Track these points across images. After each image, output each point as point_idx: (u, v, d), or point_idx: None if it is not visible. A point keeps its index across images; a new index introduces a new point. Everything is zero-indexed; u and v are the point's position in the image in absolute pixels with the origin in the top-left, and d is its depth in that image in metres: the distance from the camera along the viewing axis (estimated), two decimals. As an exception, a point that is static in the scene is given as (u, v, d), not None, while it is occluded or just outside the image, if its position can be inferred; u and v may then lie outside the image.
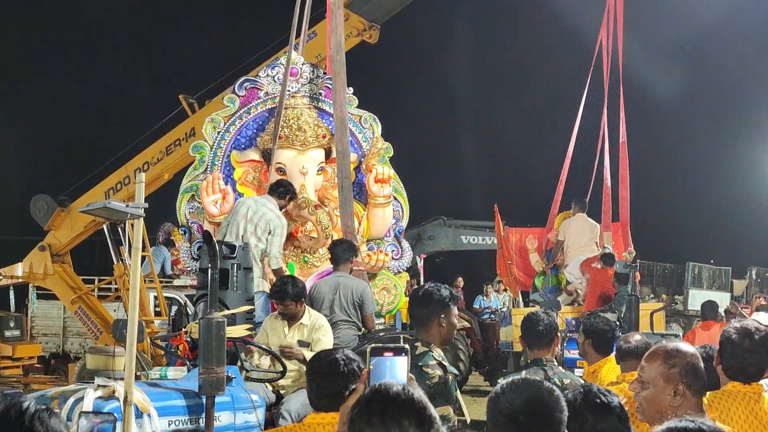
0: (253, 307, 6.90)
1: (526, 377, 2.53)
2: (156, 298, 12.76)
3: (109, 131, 24.39)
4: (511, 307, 14.97)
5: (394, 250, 9.71)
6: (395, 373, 2.33)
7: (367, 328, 7.70)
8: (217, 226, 8.57)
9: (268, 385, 6.34)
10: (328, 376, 3.39)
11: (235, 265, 6.46)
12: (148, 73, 27.57)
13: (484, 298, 18.77)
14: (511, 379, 2.49)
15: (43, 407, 2.00)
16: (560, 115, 16.04)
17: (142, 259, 11.24)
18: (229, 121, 9.50)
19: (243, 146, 9.54)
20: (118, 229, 12.03)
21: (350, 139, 9.31)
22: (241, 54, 14.06)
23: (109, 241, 11.91)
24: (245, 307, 6.52)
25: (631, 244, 13.82)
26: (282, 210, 8.43)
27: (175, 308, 12.77)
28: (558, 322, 4.60)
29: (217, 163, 9.38)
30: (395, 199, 9.69)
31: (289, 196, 8.53)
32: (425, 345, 3.97)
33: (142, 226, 4.76)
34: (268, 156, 9.25)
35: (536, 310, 4.78)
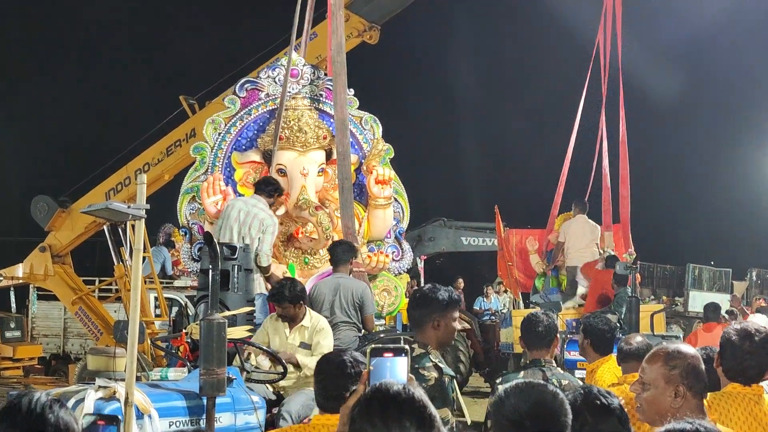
0: (254, 308, 6.91)
1: (530, 381, 2.51)
2: (156, 298, 12.76)
3: (110, 132, 24.40)
4: (512, 309, 14.96)
5: (394, 252, 9.71)
6: (395, 373, 2.34)
7: (367, 330, 7.69)
8: (219, 227, 8.57)
9: (269, 386, 6.34)
10: (335, 378, 3.38)
11: (236, 267, 6.48)
12: (149, 74, 27.59)
13: (485, 299, 18.75)
14: (515, 383, 2.47)
15: (55, 398, 2.04)
16: (561, 115, 16.04)
17: (143, 260, 11.22)
18: (230, 123, 9.50)
19: (244, 147, 9.54)
20: (119, 230, 12.03)
21: (351, 140, 9.31)
22: (242, 54, 14.07)
23: (109, 242, 11.91)
24: (246, 308, 6.53)
25: (632, 246, 13.81)
26: (271, 207, 8.41)
27: (175, 309, 12.77)
28: (558, 323, 4.59)
29: (217, 164, 9.39)
30: (396, 200, 9.69)
31: (277, 193, 8.51)
32: (422, 347, 3.95)
33: (143, 227, 4.75)
34: (268, 157, 9.25)
35: (536, 312, 4.77)
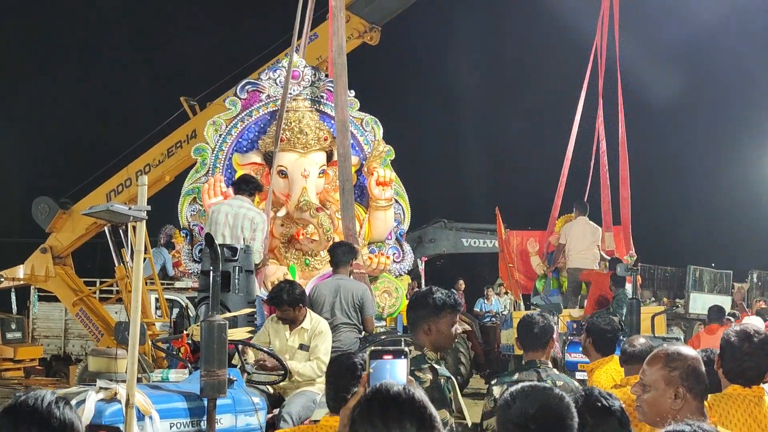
0: (255, 310, 6.91)
1: (536, 384, 2.50)
2: (157, 300, 12.76)
3: (110, 133, 24.38)
4: (512, 310, 14.97)
5: (395, 253, 9.72)
6: (395, 375, 2.34)
7: (368, 331, 7.69)
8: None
9: (269, 387, 6.34)
10: (346, 379, 3.43)
11: (237, 268, 6.47)
12: (149, 75, 27.57)
13: (485, 301, 18.74)
14: (521, 387, 2.46)
15: (60, 396, 2.06)
16: (561, 116, 16.03)
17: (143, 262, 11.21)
18: (231, 124, 9.51)
19: (245, 149, 9.55)
20: (120, 232, 12.04)
21: (352, 141, 9.32)
22: (242, 55, 14.09)
23: (110, 243, 11.90)
24: (247, 310, 6.53)
25: (633, 247, 13.82)
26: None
27: (176, 310, 12.77)
28: (554, 324, 4.59)
29: (218, 166, 9.39)
30: (396, 201, 9.70)
31: (258, 190, 8.42)
32: (418, 349, 3.95)
33: (144, 228, 4.75)
34: (269, 159, 9.26)
35: (531, 313, 4.77)
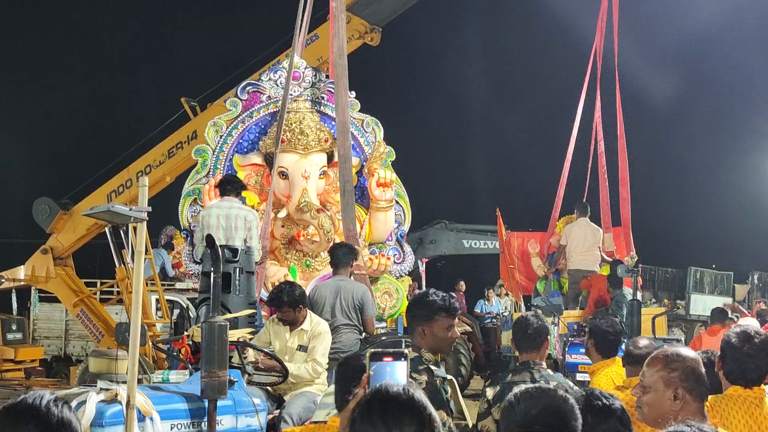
0: (255, 311, 6.91)
1: (540, 386, 2.52)
2: (158, 301, 12.76)
3: (111, 134, 24.43)
4: (513, 312, 14.96)
5: (395, 254, 9.73)
6: (395, 377, 2.35)
7: (368, 332, 7.69)
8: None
9: (269, 388, 6.34)
10: (354, 381, 3.41)
11: (238, 269, 6.47)
12: (150, 76, 27.62)
13: (486, 302, 18.72)
14: (525, 389, 2.48)
15: (59, 397, 2.08)
16: (563, 118, 16.02)
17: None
18: (232, 125, 9.52)
19: (245, 150, 9.55)
20: (120, 232, 12.03)
21: (352, 143, 9.33)
22: (243, 56, 14.09)
23: (111, 244, 11.89)
24: (247, 311, 6.53)
25: (633, 249, 13.81)
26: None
27: (177, 311, 12.75)
28: (548, 325, 4.58)
29: (219, 167, 9.40)
30: (397, 203, 9.70)
31: (243, 189, 8.40)
32: (416, 350, 3.96)
33: (145, 229, 4.75)
34: (270, 160, 9.27)
35: (526, 314, 4.77)
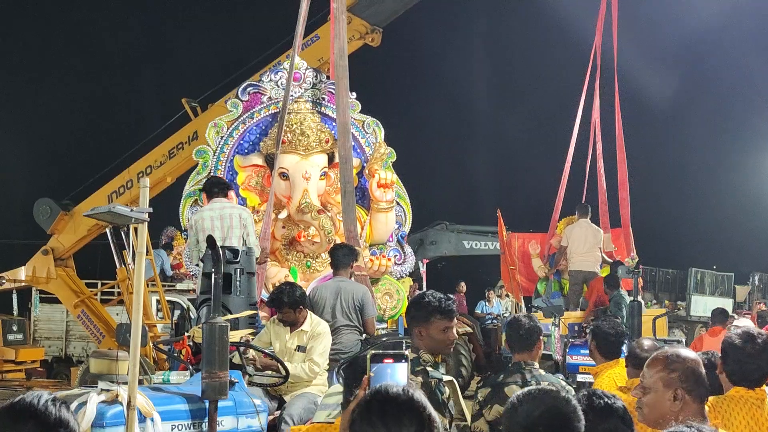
0: (256, 312, 6.91)
1: (543, 387, 2.54)
2: (158, 301, 12.76)
3: (112, 134, 24.43)
4: (514, 313, 14.95)
5: (396, 255, 9.73)
6: (395, 379, 2.36)
7: (368, 333, 7.69)
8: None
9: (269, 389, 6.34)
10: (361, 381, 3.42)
11: (238, 270, 6.48)
12: (150, 76, 27.63)
13: (487, 303, 18.70)
14: (528, 390, 2.50)
15: (58, 398, 2.08)
16: (564, 119, 16.03)
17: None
18: (233, 126, 9.52)
19: (246, 151, 9.55)
20: (121, 233, 12.03)
21: (353, 144, 9.33)
22: (243, 56, 14.10)
23: (111, 245, 11.89)
24: (248, 312, 6.54)
25: (634, 250, 13.81)
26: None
27: (177, 312, 12.75)
28: (540, 326, 4.58)
29: (220, 168, 9.40)
30: (398, 204, 9.70)
31: (228, 189, 8.31)
32: (414, 351, 3.98)
33: (146, 230, 4.75)
34: (271, 161, 9.26)
35: (518, 315, 4.79)
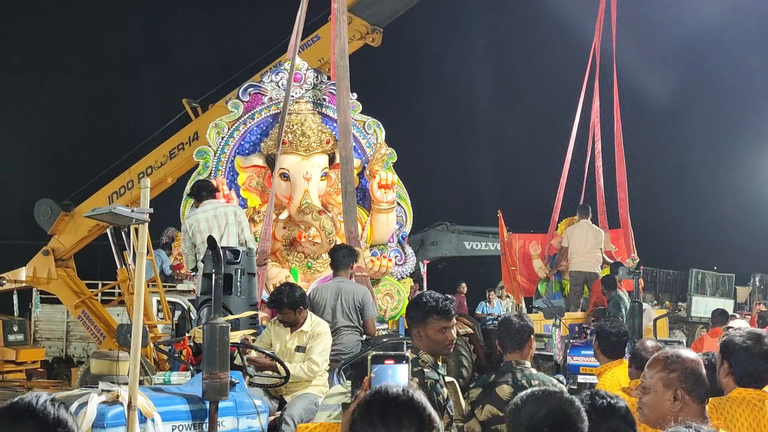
0: (257, 312, 6.91)
1: (546, 388, 2.54)
2: (159, 302, 12.77)
3: (112, 135, 24.41)
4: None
5: (397, 256, 9.73)
6: (396, 380, 2.36)
7: (368, 333, 7.69)
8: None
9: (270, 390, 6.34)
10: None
11: (239, 271, 6.48)
12: (151, 76, 27.61)
13: (487, 304, 18.69)
14: (531, 391, 2.50)
15: (57, 399, 2.08)
16: (565, 119, 16.03)
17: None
18: (233, 127, 9.52)
19: (247, 152, 9.56)
20: (122, 234, 12.03)
21: (354, 144, 9.34)
22: (243, 56, 14.10)
23: (112, 245, 11.90)
24: (249, 312, 6.53)
25: (635, 251, 13.81)
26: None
27: (178, 313, 12.75)
28: (532, 325, 4.58)
29: (221, 168, 9.41)
30: (398, 204, 9.71)
31: (216, 191, 8.35)
32: (414, 352, 3.99)
33: (146, 231, 4.75)
34: (271, 161, 9.27)
35: (509, 315, 4.79)
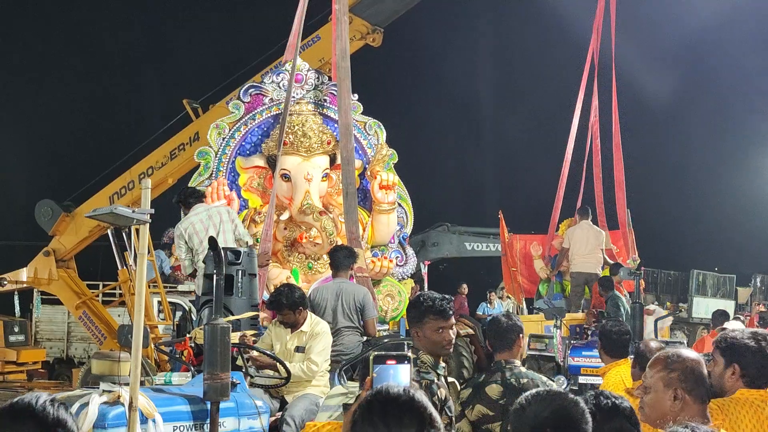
0: (258, 313, 6.91)
1: (551, 389, 2.54)
2: (160, 303, 12.77)
3: (112, 135, 24.42)
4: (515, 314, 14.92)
5: (398, 257, 9.73)
6: (398, 380, 2.37)
7: (369, 334, 7.68)
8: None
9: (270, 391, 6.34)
10: None
11: (240, 271, 6.48)
12: (151, 76, 27.63)
13: (488, 305, 18.68)
14: (536, 392, 2.50)
15: (57, 399, 2.08)
16: (566, 120, 16.03)
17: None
18: (234, 127, 9.52)
19: (248, 152, 9.56)
20: (123, 234, 12.03)
21: (355, 145, 9.34)
22: (244, 57, 14.10)
23: (113, 246, 11.90)
24: (250, 313, 6.54)
25: (636, 251, 13.81)
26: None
27: (179, 313, 12.76)
28: (521, 324, 4.58)
29: (222, 169, 9.41)
30: (399, 205, 9.71)
31: (203, 196, 8.34)
32: (414, 352, 4.00)
33: (147, 231, 4.75)
34: (273, 162, 9.27)
35: (497, 315, 4.80)
